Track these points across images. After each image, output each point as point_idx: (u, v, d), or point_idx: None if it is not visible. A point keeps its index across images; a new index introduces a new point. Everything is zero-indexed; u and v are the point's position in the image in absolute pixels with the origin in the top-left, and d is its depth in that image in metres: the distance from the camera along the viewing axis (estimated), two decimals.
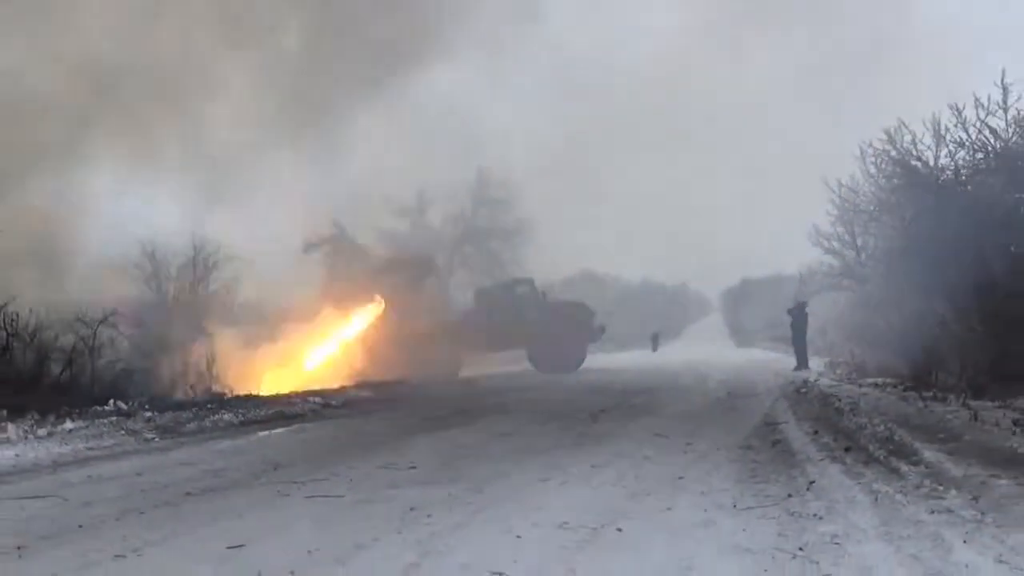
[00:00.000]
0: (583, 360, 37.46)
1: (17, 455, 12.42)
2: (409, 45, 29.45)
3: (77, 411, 16.39)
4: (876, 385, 23.11)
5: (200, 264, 25.87)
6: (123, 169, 23.44)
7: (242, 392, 22.33)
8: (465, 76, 34.47)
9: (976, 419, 14.06)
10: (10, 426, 14.38)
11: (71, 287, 20.46)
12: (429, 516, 8.10)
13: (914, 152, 25.00)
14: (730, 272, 73.10)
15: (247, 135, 26.03)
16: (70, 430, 14.73)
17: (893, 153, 26.37)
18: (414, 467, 11.06)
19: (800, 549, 6.81)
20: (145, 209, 23.38)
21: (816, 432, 14.13)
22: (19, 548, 7.10)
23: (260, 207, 26.64)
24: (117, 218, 22.39)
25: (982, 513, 7.95)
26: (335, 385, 25.88)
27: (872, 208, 31.92)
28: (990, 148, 20.63)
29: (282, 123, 27.35)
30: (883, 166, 28.23)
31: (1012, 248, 17.49)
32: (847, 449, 12.21)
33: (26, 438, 13.79)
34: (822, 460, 11.35)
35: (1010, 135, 20.04)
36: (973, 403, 15.81)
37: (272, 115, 26.94)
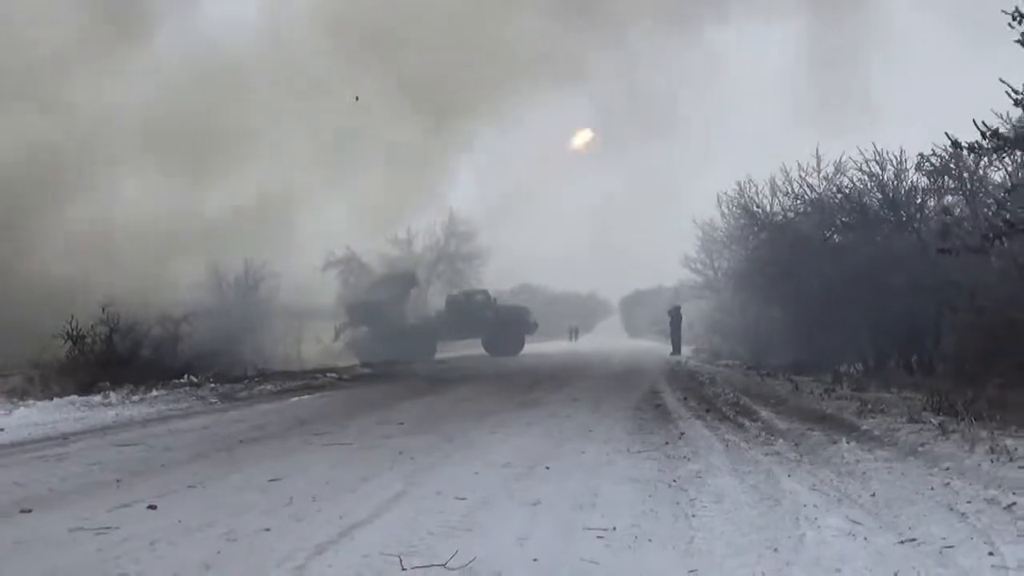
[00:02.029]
0: (522, 347, 37.53)
1: (117, 414, 12.27)
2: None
3: (161, 383, 16.26)
4: (727, 365, 23.34)
5: (251, 276, 25.64)
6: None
7: (280, 369, 22.23)
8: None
9: (797, 389, 14.17)
10: (112, 394, 14.26)
11: (159, 293, 20.27)
12: (413, 458, 8.07)
13: (755, 200, 25.30)
14: (626, 284, 73.35)
15: (285, 182, 25.97)
16: (155, 396, 14.59)
17: (741, 200, 26.64)
18: (402, 423, 11.01)
19: (674, 480, 6.84)
20: (211, 234, 23.16)
21: (686, 398, 14.20)
22: (118, 481, 7.02)
23: (294, 235, 26.51)
24: (190, 241, 22.19)
25: (801, 455, 8.04)
26: (346, 364, 25.81)
27: (725, 240, 32.28)
28: (808, 198, 20.92)
29: (311, 172, 27.22)
30: (733, 209, 28.57)
31: (822, 269, 17.66)
32: (707, 410, 12.28)
33: (123, 402, 13.64)
34: (690, 418, 11.41)
35: (822, 189, 20.36)
36: (795, 378, 15.95)
37: (303, 166, 26.76)
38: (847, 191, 18.52)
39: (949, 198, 14.87)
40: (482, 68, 28.32)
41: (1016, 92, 8.80)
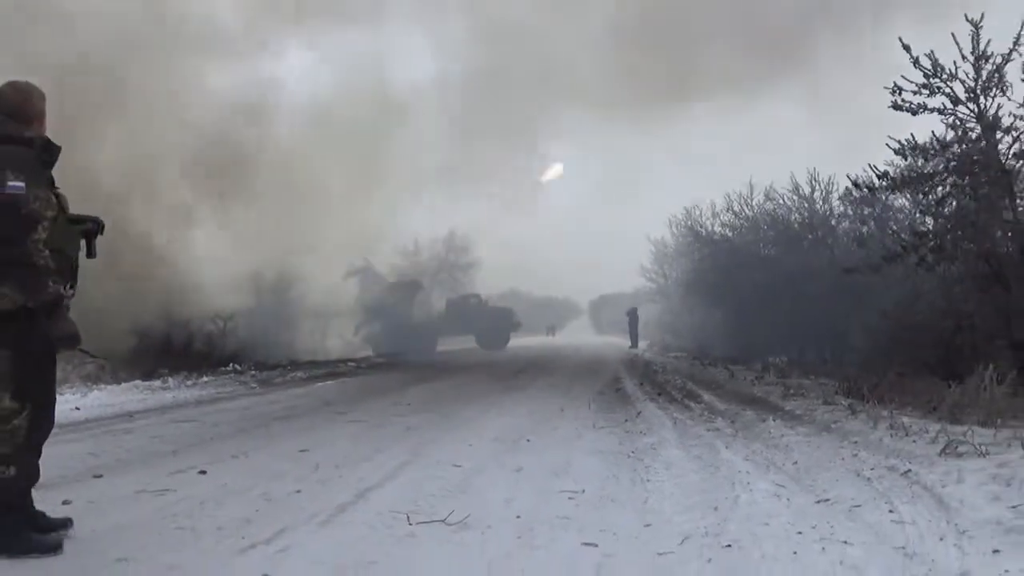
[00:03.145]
0: (508, 341, 37.58)
1: (174, 396, 12.20)
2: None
3: (210, 370, 16.21)
4: (676, 357, 23.45)
5: (284, 282, 25.48)
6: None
7: (309, 359, 22.16)
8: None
9: (733, 376, 14.26)
10: (170, 379, 14.17)
11: (210, 295, 20.14)
12: (418, 433, 8.06)
13: (700, 221, 25.40)
14: (594, 290, 73.51)
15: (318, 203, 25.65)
16: (206, 381, 14.51)
17: (688, 222, 26.76)
18: (410, 404, 11.00)
19: (632, 452, 6.85)
20: (253, 248, 22.85)
21: (642, 384, 14.25)
22: (174, 451, 6.98)
23: (322, 249, 26.29)
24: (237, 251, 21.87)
25: (736, 431, 8.07)
26: (363, 355, 25.79)
27: (674, 255, 32.43)
28: (746, 215, 21.03)
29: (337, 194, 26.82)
30: (681, 229, 28.68)
31: (754, 278, 17.76)
32: (659, 394, 12.33)
33: (179, 386, 13.56)
34: (645, 400, 11.44)
35: (756, 210, 20.44)
36: (731, 367, 16.04)
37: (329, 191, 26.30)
38: (775, 212, 18.70)
39: (859, 222, 15.01)
40: None
41: (899, 144, 9.04)
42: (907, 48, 8.52)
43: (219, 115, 20.79)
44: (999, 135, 8.66)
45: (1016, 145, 8.59)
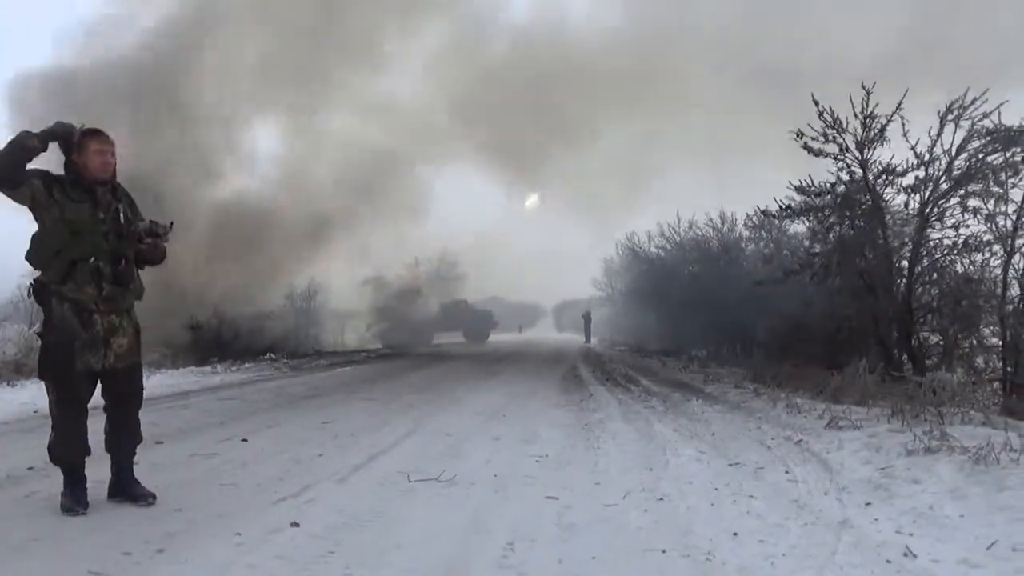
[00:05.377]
0: (488, 337, 37.53)
1: (221, 379, 12.01)
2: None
3: (251, 359, 15.96)
4: (620, 350, 23.50)
5: (311, 290, 25.21)
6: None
7: (330, 350, 21.95)
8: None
9: (664, 366, 14.31)
10: (219, 365, 13.96)
11: (251, 298, 19.85)
12: (418, 409, 8.01)
13: (639, 244, 25.46)
14: (556, 296, 73.37)
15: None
16: (247, 367, 14.28)
17: (629, 245, 26.82)
18: (412, 385, 10.93)
19: (585, 425, 6.85)
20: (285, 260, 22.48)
21: (593, 371, 14.25)
22: (221, 423, 6.87)
23: (342, 262, 25.99)
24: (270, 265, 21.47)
25: (667, 409, 8.09)
26: (374, 347, 25.57)
27: (619, 270, 32.48)
28: (673, 241, 21.05)
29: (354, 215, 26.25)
30: (625, 250, 28.72)
31: (681, 289, 17.85)
32: (607, 379, 12.34)
33: (226, 371, 13.36)
34: (596, 384, 11.45)
35: (682, 236, 20.43)
36: (663, 359, 16.10)
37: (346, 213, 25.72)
38: (697, 239, 18.79)
39: (762, 244, 15.12)
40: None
41: (797, 184, 9.16)
42: (816, 103, 8.56)
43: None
44: (874, 178, 8.76)
45: (891, 185, 8.70)
